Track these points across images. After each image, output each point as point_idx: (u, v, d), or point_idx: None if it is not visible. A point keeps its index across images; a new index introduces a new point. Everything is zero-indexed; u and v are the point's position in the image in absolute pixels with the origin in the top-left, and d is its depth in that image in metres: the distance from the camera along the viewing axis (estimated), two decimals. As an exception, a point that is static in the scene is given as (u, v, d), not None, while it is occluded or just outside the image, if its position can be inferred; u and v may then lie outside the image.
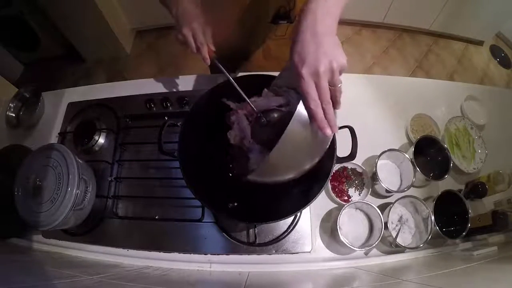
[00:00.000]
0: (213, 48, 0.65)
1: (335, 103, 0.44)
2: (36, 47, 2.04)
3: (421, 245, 0.66)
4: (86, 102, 0.90)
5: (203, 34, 0.62)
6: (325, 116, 0.42)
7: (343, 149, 0.59)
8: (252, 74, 0.69)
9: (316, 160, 0.50)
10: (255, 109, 0.58)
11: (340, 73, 0.43)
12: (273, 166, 0.47)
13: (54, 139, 0.87)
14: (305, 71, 0.41)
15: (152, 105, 0.86)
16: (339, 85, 0.43)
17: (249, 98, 0.59)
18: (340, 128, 0.61)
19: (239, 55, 0.89)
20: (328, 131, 0.42)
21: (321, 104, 0.42)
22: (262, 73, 0.68)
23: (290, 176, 0.50)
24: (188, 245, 0.71)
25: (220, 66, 0.61)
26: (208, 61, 0.64)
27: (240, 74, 0.70)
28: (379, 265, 0.68)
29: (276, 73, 0.59)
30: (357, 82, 0.91)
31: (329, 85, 0.42)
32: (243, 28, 0.80)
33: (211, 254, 0.70)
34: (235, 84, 0.58)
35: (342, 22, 2.20)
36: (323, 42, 0.41)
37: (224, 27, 0.77)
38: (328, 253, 0.70)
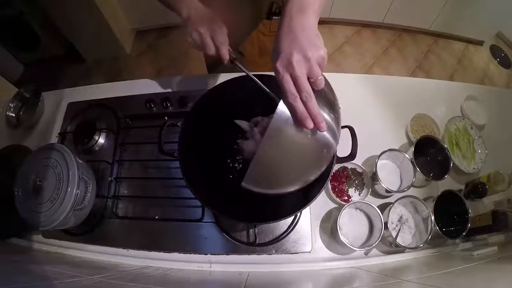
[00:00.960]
0: (230, 49, 0.62)
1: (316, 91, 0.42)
2: (36, 47, 2.04)
3: (421, 245, 0.66)
4: (86, 102, 0.90)
5: (221, 34, 0.60)
6: (306, 110, 0.40)
7: (343, 149, 0.59)
8: (257, 74, 0.69)
9: (320, 168, 0.47)
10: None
11: (320, 66, 0.41)
12: (262, 173, 0.45)
13: (54, 139, 0.87)
14: (278, 64, 0.40)
15: (152, 105, 0.86)
16: (319, 78, 0.41)
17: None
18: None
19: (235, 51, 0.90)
20: (309, 124, 0.40)
21: (301, 97, 0.40)
22: (263, 73, 0.68)
23: (288, 186, 0.48)
24: (188, 245, 0.71)
25: (241, 66, 0.59)
26: (228, 61, 0.61)
27: (240, 74, 0.70)
28: (379, 265, 0.68)
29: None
30: (357, 82, 0.91)
31: (308, 78, 0.41)
32: (240, 24, 0.79)
33: (211, 254, 0.70)
34: (261, 84, 0.55)
35: (342, 22, 2.23)
36: (298, 36, 0.41)
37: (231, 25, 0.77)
38: (328, 253, 0.70)
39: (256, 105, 0.72)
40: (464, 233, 0.67)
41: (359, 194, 0.75)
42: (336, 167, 0.76)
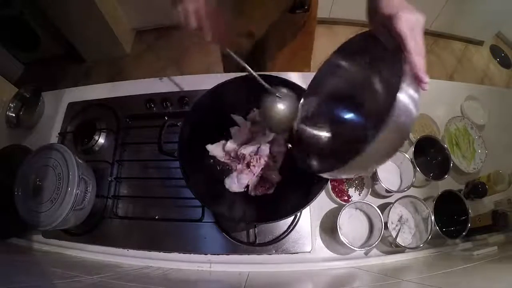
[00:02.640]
0: (222, 27, 0.58)
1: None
2: (36, 47, 2.04)
3: (421, 245, 0.66)
4: (86, 102, 0.90)
5: (204, 11, 0.55)
6: None
7: (343, 149, 0.59)
8: (259, 74, 0.69)
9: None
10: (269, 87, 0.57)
11: None
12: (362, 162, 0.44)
13: (54, 139, 0.87)
14: (401, 24, 0.41)
15: (152, 105, 0.86)
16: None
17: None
18: None
19: (259, 51, 0.91)
20: (426, 78, 0.41)
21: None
22: (266, 74, 0.68)
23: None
24: (188, 245, 0.71)
25: (233, 54, 0.57)
26: (210, 38, 0.56)
27: (240, 74, 0.70)
28: (379, 265, 0.68)
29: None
30: (357, 82, 0.91)
31: None
32: (257, 16, 0.82)
33: (211, 254, 0.70)
34: (256, 76, 0.57)
35: (342, 22, 2.22)
36: (406, 4, 0.43)
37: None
38: (328, 253, 0.70)
39: (255, 104, 0.73)
40: (464, 233, 0.67)
41: (359, 194, 0.75)
42: (336, 167, 0.76)
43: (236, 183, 0.66)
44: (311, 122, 0.61)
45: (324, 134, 0.61)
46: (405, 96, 0.39)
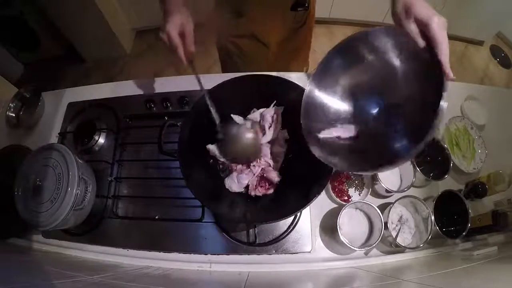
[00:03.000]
0: (192, 49, 0.65)
1: None
2: (36, 47, 2.04)
3: (421, 245, 0.66)
4: (86, 102, 0.90)
5: (188, 36, 0.64)
6: None
7: (343, 149, 0.59)
8: (257, 74, 0.69)
9: None
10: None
11: None
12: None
13: (54, 139, 0.87)
14: (436, 26, 0.45)
15: (152, 105, 0.86)
16: None
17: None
18: None
19: (256, 46, 0.93)
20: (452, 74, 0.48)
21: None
22: (266, 74, 0.69)
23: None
24: (188, 245, 0.71)
25: (195, 69, 0.64)
26: (187, 62, 0.65)
27: (240, 74, 0.70)
28: (379, 265, 0.68)
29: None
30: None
31: None
32: (258, 15, 0.83)
33: (211, 254, 0.70)
34: (203, 88, 0.60)
35: (342, 22, 2.22)
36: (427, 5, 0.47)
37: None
38: (328, 253, 0.70)
39: (255, 104, 0.73)
40: (464, 233, 0.67)
41: (359, 194, 0.75)
42: (336, 167, 0.76)
43: (236, 183, 0.66)
44: (333, 117, 0.60)
45: (350, 131, 0.59)
46: (444, 103, 0.43)
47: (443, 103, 0.42)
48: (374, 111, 0.58)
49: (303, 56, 1.06)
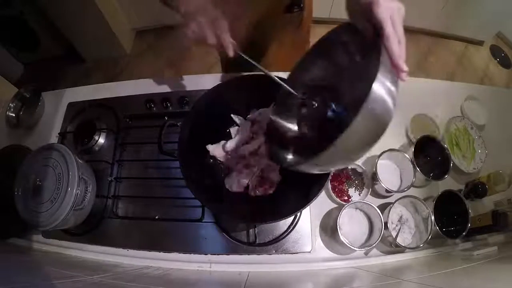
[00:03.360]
0: (234, 42, 0.59)
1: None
2: (36, 47, 2.04)
3: (421, 245, 0.66)
4: (86, 102, 0.90)
5: (222, 23, 0.57)
6: None
7: (343, 149, 0.59)
8: (257, 74, 0.69)
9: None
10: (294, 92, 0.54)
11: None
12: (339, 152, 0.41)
13: (54, 139, 0.87)
14: (380, 9, 0.40)
15: (152, 105, 0.86)
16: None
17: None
18: None
19: (254, 50, 0.91)
20: (404, 66, 0.40)
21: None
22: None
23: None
24: (188, 245, 0.71)
25: (246, 57, 0.57)
26: (232, 52, 0.58)
27: (240, 74, 0.70)
28: (379, 265, 0.68)
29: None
30: (357, 82, 0.91)
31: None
32: (254, 18, 0.81)
33: (211, 254, 0.70)
34: (273, 77, 0.54)
35: (342, 22, 2.22)
36: None
37: (238, 21, 0.76)
38: (328, 253, 0.70)
39: (255, 104, 0.73)
40: (464, 233, 0.67)
41: (359, 194, 0.75)
42: (336, 167, 0.76)
43: (236, 183, 0.66)
44: (288, 114, 0.59)
45: (299, 127, 0.59)
46: (381, 86, 0.37)
47: (375, 87, 0.36)
48: (328, 107, 0.56)
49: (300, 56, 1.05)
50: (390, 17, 0.40)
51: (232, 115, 0.72)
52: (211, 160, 0.69)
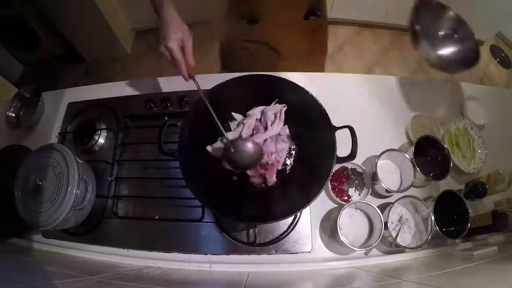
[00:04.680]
0: (193, 63, 0.67)
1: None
2: (36, 47, 2.04)
3: (421, 245, 0.66)
4: (86, 102, 0.90)
5: (182, 48, 0.65)
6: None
7: (343, 149, 0.59)
8: (258, 74, 0.69)
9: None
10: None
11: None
12: None
13: (54, 139, 0.87)
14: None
15: (152, 105, 0.86)
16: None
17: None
18: (340, 128, 0.62)
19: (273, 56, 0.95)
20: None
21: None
22: (266, 74, 0.69)
23: None
24: (188, 245, 0.71)
25: (197, 83, 0.65)
26: (188, 78, 0.67)
27: (239, 74, 0.70)
28: (379, 265, 0.68)
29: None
30: (357, 82, 0.91)
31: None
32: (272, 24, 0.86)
33: (211, 254, 0.70)
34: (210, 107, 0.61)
35: (342, 22, 2.22)
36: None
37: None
38: (328, 253, 0.70)
39: (255, 104, 0.73)
40: (464, 233, 0.67)
41: (359, 194, 0.75)
42: (336, 167, 0.76)
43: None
44: None
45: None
46: None
47: None
48: None
49: (318, 61, 1.06)
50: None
51: (233, 112, 0.72)
52: (211, 160, 0.69)
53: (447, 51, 0.84)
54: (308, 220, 0.71)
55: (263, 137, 0.67)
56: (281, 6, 0.82)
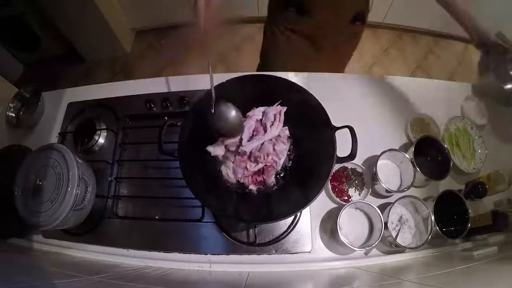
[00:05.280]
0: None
1: None
2: (36, 47, 2.04)
3: (421, 245, 0.66)
4: (86, 102, 0.90)
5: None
6: None
7: (343, 149, 0.59)
8: (258, 74, 0.69)
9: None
10: None
11: None
12: None
13: (54, 139, 0.87)
14: None
15: (152, 105, 0.86)
16: None
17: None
18: (340, 128, 0.62)
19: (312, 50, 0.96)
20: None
21: None
22: (267, 74, 0.69)
23: None
24: (188, 245, 0.71)
25: (210, 67, 0.63)
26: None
27: (240, 74, 0.70)
28: (379, 265, 0.68)
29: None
30: (357, 82, 0.91)
31: None
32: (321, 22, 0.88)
33: (211, 254, 0.70)
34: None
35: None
36: None
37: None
38: (328, 253, 0.70)
39: (255, 104, 0.73)
40: (464, 233, 0.67)
41: (359, 194, 0.75)
42: (336, 167, 0.76)
43: (231, 172, 0.67)
44: None
45: None
46: None
47: None
48: None
49: (343, 62, 1.11)
50: None
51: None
52: (211, 160, 0.69)
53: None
54: (308, 220, 0.71)
55: (262, 139, 0.67)
56: (333, 3, 0.82)
